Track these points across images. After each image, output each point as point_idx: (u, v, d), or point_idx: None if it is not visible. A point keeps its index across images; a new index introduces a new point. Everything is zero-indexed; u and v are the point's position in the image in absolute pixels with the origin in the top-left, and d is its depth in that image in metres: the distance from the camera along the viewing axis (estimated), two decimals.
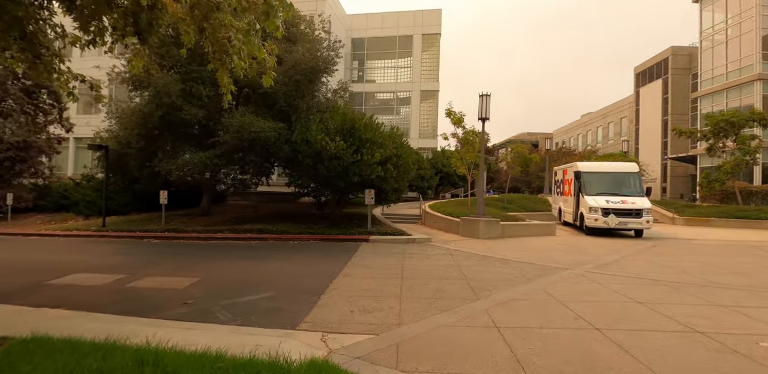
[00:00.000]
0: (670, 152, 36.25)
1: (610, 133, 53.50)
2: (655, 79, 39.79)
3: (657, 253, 9.88)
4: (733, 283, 6.68)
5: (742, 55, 27.59)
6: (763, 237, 14.18)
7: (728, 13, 28.76)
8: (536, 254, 9.35)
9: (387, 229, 11.50)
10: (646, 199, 13.52)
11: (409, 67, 29.05)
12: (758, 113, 21.58)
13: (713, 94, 29.58)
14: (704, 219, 20.91)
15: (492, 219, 11.92)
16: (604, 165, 14.83)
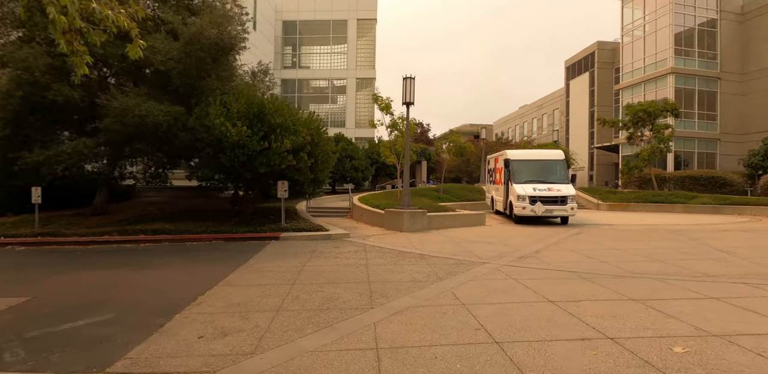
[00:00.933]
0: (596, 142, 38.19)
1: (545, 124, 55.83)
2: (583, 72, 41.66)
3: (579, 241, 9.69)
4: (649, 271, 6.40)
5: (657, 50, 29.32)
6: (676, 221, 14.86)
7: (646, 10, 30.39)
8: (458, 247, 8.75)
9: (303, 225, 10.40)
10: (571, 186, 13.56)
11: (345, 54, 27.80)
12: (671, 104, 22.93)
13: (633, 87, 31.31)
14: (624, 204, 21.95)
15: (417, 211, 11.23)
16: (532, 152, 14.74)
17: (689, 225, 13.25)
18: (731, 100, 29.35)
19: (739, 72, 29.43)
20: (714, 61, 29.25)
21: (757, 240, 9.94)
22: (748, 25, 29.27)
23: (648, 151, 22.31)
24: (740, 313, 4.36)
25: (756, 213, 18.18)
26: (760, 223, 14.17)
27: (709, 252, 8.19)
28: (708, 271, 6.45)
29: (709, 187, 24.68)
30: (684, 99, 28.37)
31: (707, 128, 29.11)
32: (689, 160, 28.85)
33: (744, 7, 29.59)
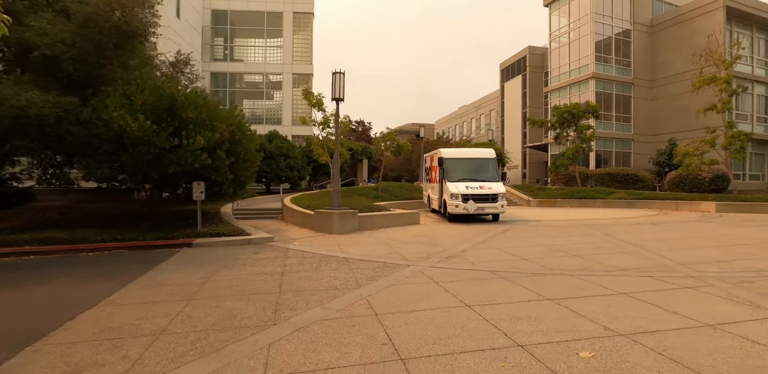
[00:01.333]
0: (528, 141, 40.18)
1: (482, 124, 57.93)
2: (517, 75, 43.67)
3: (506, 238, 9.83)
4: (567, 267, 6.50)
5: (580, 56, 31.36)
6: (595, 215, 15.81)
7: (570, 18, 32.39)
8: (387, 248, 8.46)
9: (223, 229, 9.55)
10: (501, 184, 13.89)
11: (280, 48, 26.64)
12: (592, 106, 24.57)
13: (560, 90, 33.27)
14: (552, 200, 23.15)
15: (348, 212, 10.81)
16: (465, 151, 14.93)
17: (606, 220, 14.12)
18: (643, 104, 32.20)
19: (649, 78, 32.37)
20: (628, 67, 31.89)
21: (662, 233, 10.71)
22: (657, 37, 32.27)
23: (572, 150, 23.74)
24: (645, 309, 4.43)
25: (662, 207, 19.95)
26: (665, 216, 15.49)
27: (621, 246, 8.61)
28: (620, 265, 6.69)
29: (624, 183, 26.82)
30: (603, 102, 30.63)
31: (623, 129, 31.70)
32: (608, 158, 31.24)
33: (653, 20, 32.56)
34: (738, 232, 10.68)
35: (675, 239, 9.49)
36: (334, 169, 11.19)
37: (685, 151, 19.87)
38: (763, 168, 30.31)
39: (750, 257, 7.31)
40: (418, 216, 13.39)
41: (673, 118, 30.30)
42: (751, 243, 8.88)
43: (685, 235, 10.15)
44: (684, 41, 29.28)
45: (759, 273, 6.10)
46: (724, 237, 9.70)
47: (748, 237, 9.80)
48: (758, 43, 30.51)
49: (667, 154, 26.41)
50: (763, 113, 30.36)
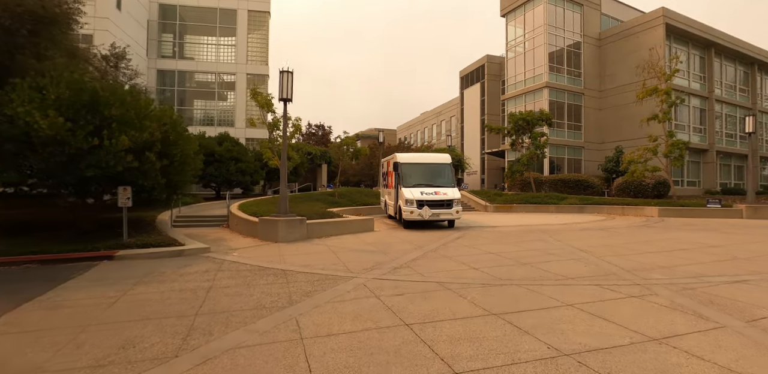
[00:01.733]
0: (486, 148, 41.00)
1: (443, 130, 58.71)
2: (475, 83, 44.58)
3: (458, 246, 9.58)
4: (516, 277, 6.26)
5: (535, 66, 32.41)
6: (548, 221, 16.05)
7: (525, 29, 33.46)
8: (333, 258, 7.94)
9: (154, 239, 8.65)
10: (457, 190, 13.75)
11: (234, 46, 25.53)
12: (545, 114, 25.30)
13: (515, 98, 34.20)
14: (509, 205, 23.49)
15: (295, 219, 10.18)
16: (421, 156, 14.72)
17: (558, 225, 14.32)
18: (592, 113, 33.70)
19: (598, 89, 33.97)
20: (579, 78, 33.32)
21: (609, 238, 10.88)
22: (604, 49, 33.97)
23: (527, 156, 24.29)
24: (591, 322, 4.20)
25: (610, 212, 20.70)
26: (613, 221, 15.98)
27: (571, 252, 8.56)
28: (568, 273, 6.55)
29: (576, 189, 27.77)
30: (556, 110, 31.75)
31: (575, 137, 32.99)
32: (561, 164, 32.36)
33: (601, 34, 34.28)
34: (678, 237, 11.04)
35: (621, 245, 9.61)
36: (281, 173, 10.54)
37: (630, 158, 20.78)
38: (699, 175, 32.49)
39: (690, 262, 7.42)
40: (372, 223, 12.96)
41: (619, 127, 31.90)
42: (690, 247, 9.13)
43: (631, 241, 10.35)
44: (629, 54, 30.98)
45: (699, 279, 6.13)
46: (665, 242, 9.95)
47: (687, 241, 10.12)
48: (694, 59, 32.83)
49: (615, 161, 27.65)
50: (698, 124, 32.62)
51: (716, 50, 33.50)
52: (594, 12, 34.33)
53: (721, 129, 34.20)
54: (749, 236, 11.23)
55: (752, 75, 37.14)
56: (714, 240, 10.26)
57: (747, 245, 9.48)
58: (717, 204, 17.62)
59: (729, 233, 11.94)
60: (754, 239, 10.58)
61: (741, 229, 13.05)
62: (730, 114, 35.36)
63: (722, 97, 34.19)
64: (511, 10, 34.46)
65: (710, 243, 9.72)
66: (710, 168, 32.34)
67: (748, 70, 37.06)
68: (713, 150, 32.42)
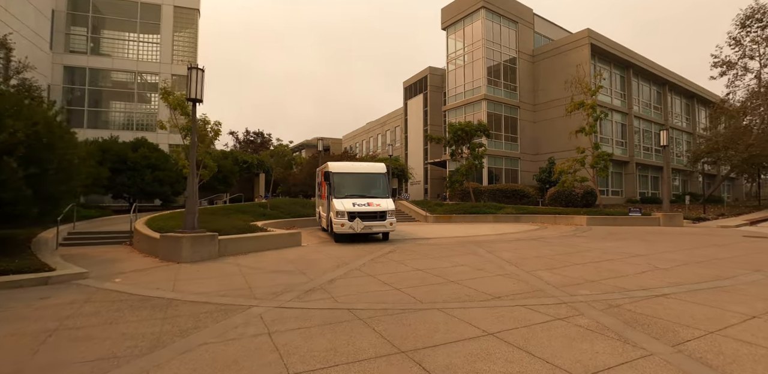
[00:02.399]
0: (429, 158, 41.34)
1: (387, 140, 58.74)
2: (419, 93, 45.11)
3: (386, 262, 8.89)
4: (439, 298, 5.64)
5: (474, 78, 33.28)
6: (485, 231, 15.95)
7: (465, 42, 34.37)
8: (239, 281, 6.88)
9: (15, 264, 6.99)
10: (391, 200, 13.16)
11: (158, 44, 23.46)
12: (483, 125, 25.80)
13: (456, 109, 34.85)
14: (448, 216, 23.40)
15: (204, 235, 8.95)
16: (355, 165, 14.00)
17: (494, 236, 14.18)
18: (527, 126, 35.16)
19: (532, 103, 35.58)
20: (515, 92, 34.70)
21: (540, 249, 10.76)
22: (538, 66, 35.77)
23: (465, 166, 24.52)
24: (511, 357, 3.60)
25: (544, 221, 21.25)
26: (545, 231, 16.22)
27: (501, 266, 8.18)
28: (496, 291, 6.05)
29: (513, 199, 28.51)
30: (494, 122, 32.71)
31: (511, 148, 34.14)
32: (499, 175, 33.26)
33: (534, 51, 36.11)
34: (604, 247, 11.19)
35: (551, 256, 9.45)
36: (189, 182, 9.26)
37: (561, 168, 21.58)
38: (622, 184, 34.89)
39: (616, 275, 7.28)
40: (300, 237, 11.95)
41: (552, 139, 33.50)
42: (615, 257, 9.15)
43: (560, 252, 10.27)
44: (559, 71, 32.79)
45: (624, 294, 5.88)
46: (592, 253, 9.96)
47: (612, 251, 10.22)
48: (615, 77, 35.51)
49: (548, 172, 28.81)
50: (620, 137, 35.15)
51: (634, 71, 36.53)
52: (528, 30, 36.14)
53: (640, 142, 37.14)
54: (666, 244, 11.66)
55: (664, 94, 40.96)
56: (636, 249, 10.46)
57: (665, 254, 9.70)
58: (638, 213, 18.64)
59: (649, 241, 12.37)
60: (670, 247, 10.94)
61: (659, 237, 13.64)
62: (647, 129, 38.59)
63: (640, 113, 37.23)
64: (452, 23, 35.34)
65: (633, 253, 9.85)
66: (631, 178, 34.86)
67: (661, 90, 40.84)
68: (633, 162, 35.02)
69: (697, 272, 7.46)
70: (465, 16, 33.88)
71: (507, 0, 34.29)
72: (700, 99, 46.12)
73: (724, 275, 7.17)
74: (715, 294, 5.85)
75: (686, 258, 9.04)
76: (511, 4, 34.57)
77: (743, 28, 28.60)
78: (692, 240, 12.34)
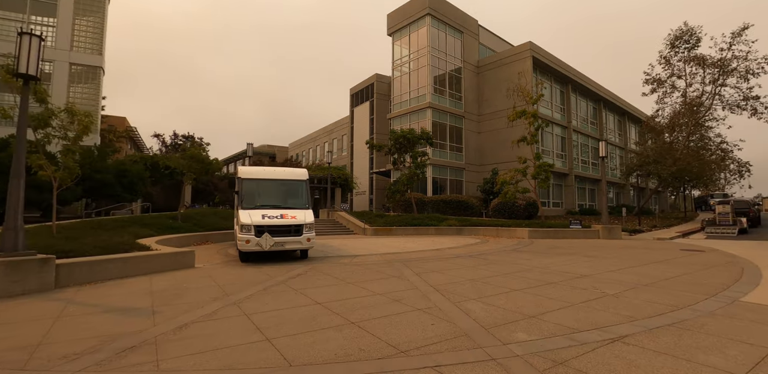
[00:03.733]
0: (375, 167, 39.93)
1: (334, 148, 56.95)
2: (365, 101, 43.87)
3: (286, 290, 6.97)
4: (323, 355, 3.84)
5: (419, 86, 32.48)
6: (422, 246, 14.45)
7: (411, 49, 33.62)
8: (37, 330, 4.66)
9: None
10: (311, 212, 11.26)
11: (54, 28, 20.12)
12: (426, 133, 24.74)
13: (401, 117, 33.81)
14: (388, 228, 21.81)
15: (27, 259, 6.53)
16: (269, 170, 11.98)
17: (430, 252, 12.68)
18: (472, 136, 34.84)
19: (477, 113, 35.41)
20: (460, 101, 34.34)
21: (476, 269, 9.34)
22: (482, 76, 35.78)
23: (407, 175, 23.18)
24: None
25: (486, 233, 20.27)
26: (486, 245, 15.04)
27: (426, 295, 6.56)
28: (404, 340, 4.35)
29: (457, 210, 27.59)
30: (439, 131, 31.97)
31: (456, 158, 33.54)
32: (444, 185, 32.42)
33: (479, 62, 36.16)
34: (546, 264, 10.01)
35: (487, 279, 8.01)
36: (10, 187, 6.81)
37: (503, 179, 20.85)
38: (562, 196, 35.39)
39: (560, 304, 5.89)
40: (193, 257, 9.69)
41: (496, 150, 33.33)
42: (558, 280, 7.88)
43: (498, 272, 8.89)
44: (503, 82, 32.84)
45: (573, 338, 4.42)
46: (534, 274, 8.67)
47: (554, 270, 9.01)
48: (556, 91, 36.35)
49: (491, 183, 28.29)
50: (560, 150, 35.81)
51: (572, 86, 37.67)
52: (473, 41, 36.19)
53: (578, 156, 38.16)
54: (610, 261, 10.73)
55: (599, 110, 42.76)
56: (580, 268, 9.34)
57: (611, 274, 8.61)
58: (578, 225, 18.13)
59: (592, 257, 11.43)
60: (614, 265, 9.96)
61: (601, 252, 12.85)
62: (584, 143, 39.85)
63: (578, 127, 38.35)
64: (397, 29, 34.55)
65: (577, 272, 8.68)
66: (570, 190, 35.48)
67: (596, 106, 42.61)
68: (572, 174, 35.73)
69: (650, 299, 6.27)
70: (411, 22, 33.21)
71: (453, 9, 34.14)
72: (631, 116, 48.88)
73: (680, 303, 6.01)
74: (680, 336, 4.55)
75: (634, 279, 7.96)
76: (456, 14, 34.46)
77: (673, 48, 30.12)
78: (634, 256, 11.56)
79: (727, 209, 20.16)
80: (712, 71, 28.64)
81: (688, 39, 29.71)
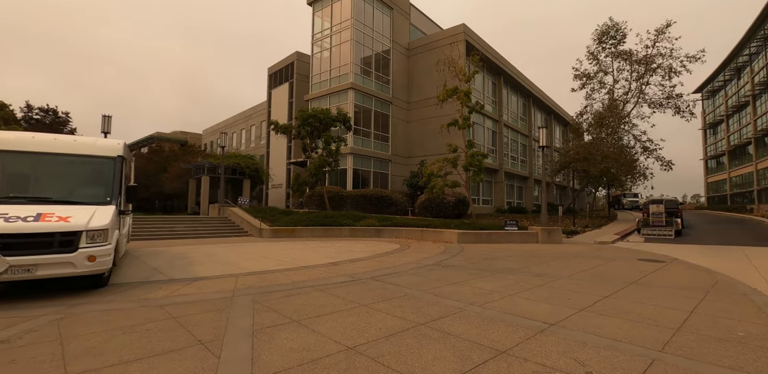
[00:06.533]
0: (293, 156, 35.16)
1: (253, 135, 50.93)
2: (284, 82, 38.69)
3: None
4: None
5: (341, 64, 28.30)
6: (320, 257, 10.34)
7: (333, 21, 29.29)
8: None
9: None
10: (110, 210, 6.66)
11: None
12: (343, 114, 20.71)
13: (320, 98, 29.43)
14: (290, 229, 17.49)
15: None
16: (38, 139, 7.12)
17: (319, 269, 8.65)
18: (400, 125, 31.50)
19: (406, 100, 32.14)
20: (388, 86, 30.78)
21: (375, 312, 5.51)
22: (412, 60, 32.56)
23: (315, 164, 19.01)
24: None
25: (409, 235, 16.84)
26: (404, 255, 11.37)
27: None
28: None
29: (380, 207, 24.00)
30: (362, 117, 28.13)
31: (382, 148, 29.98)
32: (368, 178, 28.70)
33: (410, 44, 32.87)
34: (484, 295, 6.53)
35: (383, 343, 4.19)
36: None
37: (430, 170, 17.60)
38: (491, 193, 33.52)
39: None
40: None
41: (425, 141, 30.34)
42: (512, 341, 4.31)
43: (410, 319, 5.14)
44: (434, 68, 29.83)
45: None
46: (469, 322, 5.08)
47: (500, 311, 5.51)
48: (488, 83, 34.31)
49: (418, 176, 25.15)
50: (491, 145, 33.90)
51: (504, 79, 35.98)
52: (404, 20, 32.82)
53: (508, 152, 36.68)
54: (569, 283, 7.59)
55: (529, 106, 41.94)
56: (536, 303, 5.94)
57: (589, 317, 5.32)
58: (514, 227, 15.36)
59: (543, 276, 8.26)
60: (581, 293, 6.77)
61: (550, 265, 9.82)
62: (514, 139, 38.57)
63: (509, 122, 36.85)
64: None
65: (536, 316, 5.23)
66: (500, 187, 33.74)
67: (526, 102, 41.71)
68: (503, 170, 34.02)
69: None
70: None
71: None
72: (557, 116, 49.19)
73: None
74: None
75: (630, 330, 4.64)
76: None
77: (600, 43, 29.21)
78: (594, 273, 8.59)
79: (661, 209, 18.83)
80: (638, 68, 28.14)
81: (614, 35, 29.01)
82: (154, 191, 37.30)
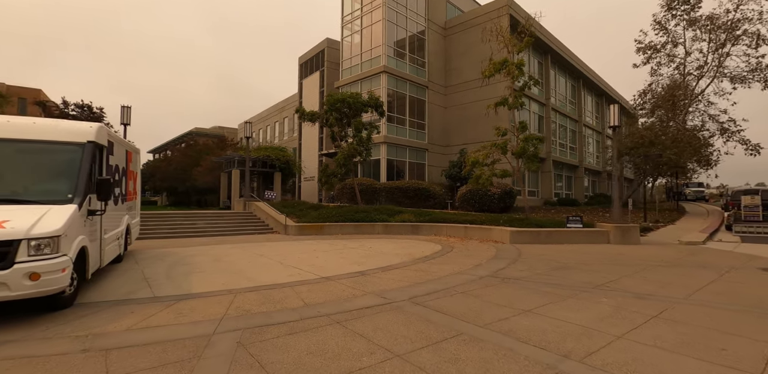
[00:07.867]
0: (325, 148, 33.70)
1: (286, 128, 50.14)
2: (315, 71, 37.16)
3: None
4: None
5: (372, 46, 26.28)
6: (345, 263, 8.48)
7: (363, 1, 27.23)
8: None
9: None
10: (70, 210, 5.11)
11: None
12: (374, 98, 18.73)
13: (351, 85, 27.58)
14: (318, 225, 15.87)
15: None
16: None
17: (343, 282, 6.81)
18: (437, 111, 29.16)
19: (443, 84, 29.68)
20: (423, 69, 28.46)
21: None
22: (449, 40, 29.95)
23: (345, 153, 17.22)
24: None
25: (451, 233, 14.76)
26: (448, 261, 9.32)
27: None
28: None
29: (416, 200, 22.00)
30: (397, 103, 26.06)
31: (418, 137, 27.83)
32: (403, 169, 26.70)
33: (447, 23, 30.26)
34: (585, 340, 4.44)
35: None
36: None
37: (474, 158, 15.33)
38: (538, 184, 30.58)
39: None
40: None
41: (464, 128, 27.87)
42: None
43: None
44: (474, 48, 27.20)
45: None
46: None
47: None
48: (534, 62, 31.11)
49: (459, 166, 22.87)
50: (537, 131, 30.82)
51: (552, 58, 32.57)
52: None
53: (556, 138, 33.41)
54: (699, 315, 5.35)
55: (578, 89, 38.11)
56: (658, 357, 3.81)
57: None
58: (578, 225, 12.89)
59: (648, 298, 6.02)
60: (746, 345, 4.54)
61: (649, 279, 7.51)
62: (562, 124, 35.12)
63: (557, 105, 33.48)
64: None
65: None
66: (547, 177, 30.70)
67: (576, 83, 37.90)
68: (550, 159, 30.93)
69: None
70: None
71: None
72: (609, 98, 44.76)
73: None
74: None
75: None
76: None
77: (669, 10, 25.32)
78: (720, 293, 6.22)
79: (757, 201, 15.59)
80: (718, 35, 24.11)
81: None
82: (189, 185, 37.23)
